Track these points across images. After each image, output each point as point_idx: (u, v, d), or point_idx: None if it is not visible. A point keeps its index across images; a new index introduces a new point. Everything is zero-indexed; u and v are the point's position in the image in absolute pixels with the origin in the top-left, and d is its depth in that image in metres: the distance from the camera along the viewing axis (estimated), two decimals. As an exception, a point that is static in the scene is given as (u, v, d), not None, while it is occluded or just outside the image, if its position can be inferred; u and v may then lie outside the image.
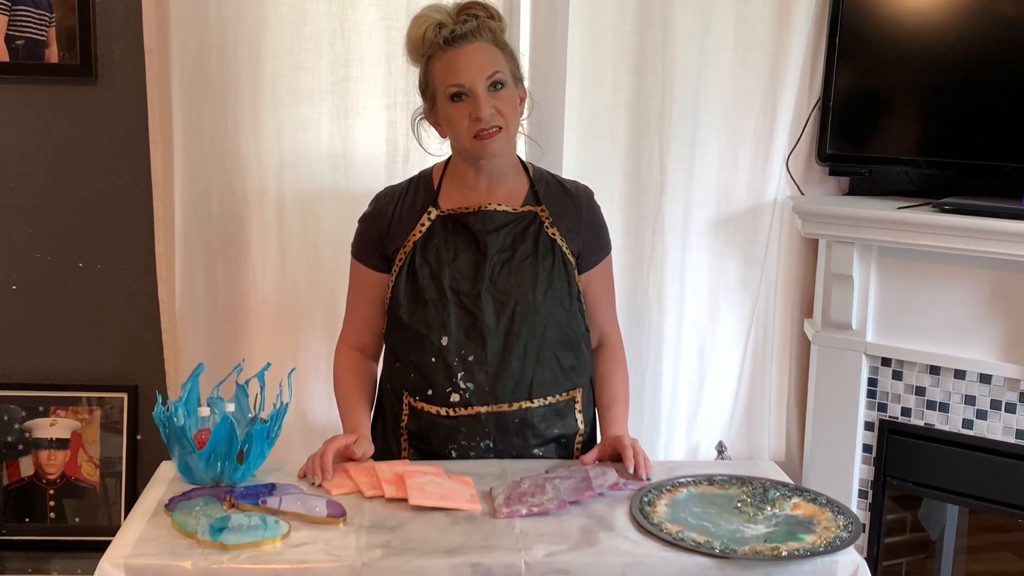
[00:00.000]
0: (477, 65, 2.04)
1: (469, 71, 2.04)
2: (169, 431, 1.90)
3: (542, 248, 2.13)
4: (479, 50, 2.05)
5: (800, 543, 1.72)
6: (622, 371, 2.26)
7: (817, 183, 2.90)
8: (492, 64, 2.05)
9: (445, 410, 2.11)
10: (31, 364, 3.01)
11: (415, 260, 2.13)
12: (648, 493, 1.88)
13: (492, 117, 2.04)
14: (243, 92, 2.71)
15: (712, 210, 2.87)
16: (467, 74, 2.04)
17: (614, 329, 2.30)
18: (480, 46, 2.05)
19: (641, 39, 2.77)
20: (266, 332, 2.82)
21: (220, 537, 1.68)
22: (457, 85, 2.04)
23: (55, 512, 3.01)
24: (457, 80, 2.04)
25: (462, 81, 2.04)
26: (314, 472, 1.94)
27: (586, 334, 2.21)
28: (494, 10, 2.12)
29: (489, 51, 2.06)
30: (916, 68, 2.70)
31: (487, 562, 1.65)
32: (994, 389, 2.60)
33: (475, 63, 2.04)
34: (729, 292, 2.92)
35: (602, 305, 2.25)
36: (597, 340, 2.27)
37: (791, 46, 2.77)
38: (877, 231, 2.63)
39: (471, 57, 2.04)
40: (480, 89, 2.03)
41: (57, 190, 2.95)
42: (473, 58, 2.04)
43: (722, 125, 2.83)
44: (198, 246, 2.79)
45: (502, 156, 2.12)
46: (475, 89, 2.03)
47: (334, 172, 2.77)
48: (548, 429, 2.14)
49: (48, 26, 2.85)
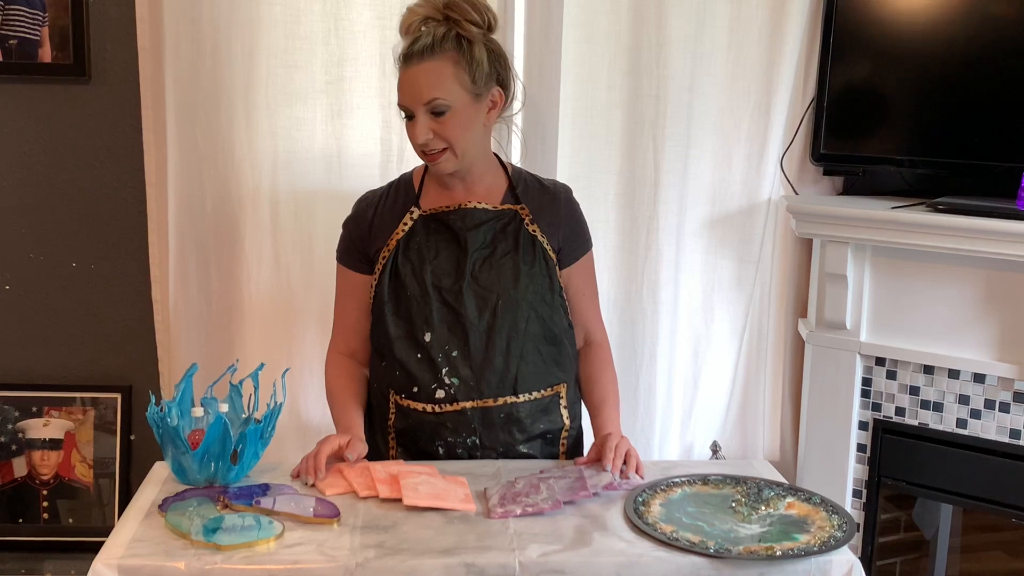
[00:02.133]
0: (418, 89, 2.04)
1: (409, 94, 2.06)
2: (163, 431, 1.90)
3: (523, 244, 2.15)
4: (426, 72, 2.03)
5: (794, 543, 1.72)
6: (610, 370, 2.27)
7: (811, 183, 2.90)
8: (434, 89, 2.03)
9: (431, 407, 2.12)
10: (24, 364, 3.00)
11: (397, 259, 2.15)
12: (642, 493, 1.88)
13: (431, 142, 2.06)
14: (237, 91, 2.71)
15: (706, 210, 2.87)
16: (407, 96, 2.06)
17: (598, 326, 2.30)
18: (429, 66, 2.03)
19: (635, 38, 2.77)
20: (260, 332, 2.82)
21: (214, 538, 1.68)
22: (401, 106, 2.08)
23: (48, 513, 3.00)
24: (401, 100, 2.08)
25: (404, 103, 2.07)
26: (308, 472, 1.94)
27: (569, 330, 2.22)
28: (483, 14, 2.09)
29: (437, 72, 2.03)
30: (910, 68, 2.70)
31: (481, 562, 1.65)
32: (988, 389, 2.61)
33: (416, 87, 2.04)
34: (723, 291, 2.92)
35: (584, 300, 2.26)
36: (582, 338, 2.28)
37: (785, 46, 2.77)
38: (871, 231, 2.63)
39: (413, 79, 2.04)
40: (419, 113, 2.05)
41: (50, 190, 2.94)
42: (416, 81, 2.04)
43: (716, 125, 2.83)
44: (192, 246, 2.79)
45: (458, 170, 2.13)
46: (416, 112, 2.06)
47: (328, 172, 2.77)
48: (534, 425, 2.16)
49: (41, 25, 2.84)
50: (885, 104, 2.78)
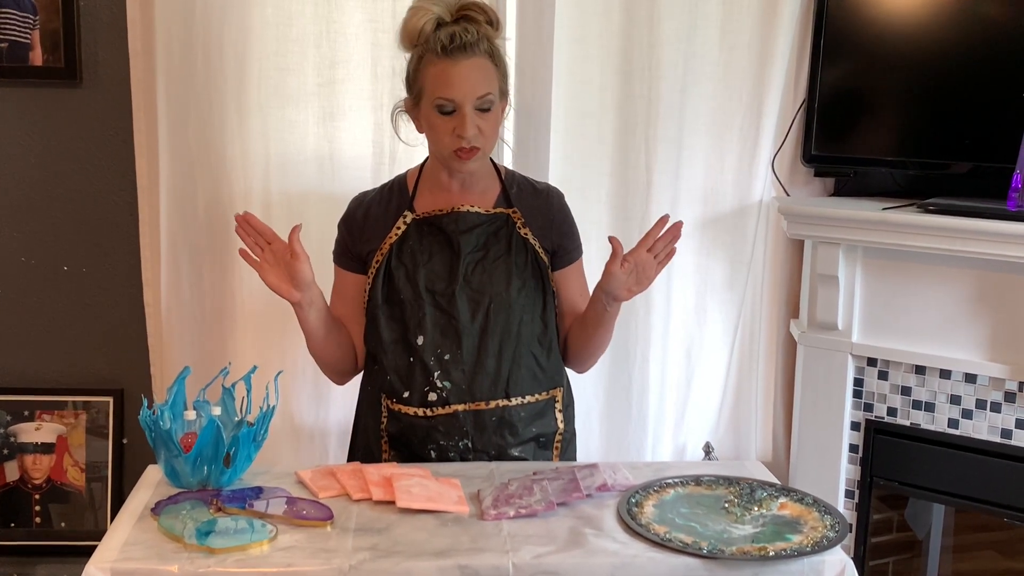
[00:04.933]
0: (471, 84, 2.02)
1: (462, 88, 2.02)
2: (155, 435, 1.90)
3: (515, 247, 2.16)
4: (475, 67, 2.03)
5: (787, 543, 1.72)
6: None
7: (802, 184, 2.91)
8: (485, 85, 2.03)
9: (423, 410, 2.12)
10: (16, 368, 3.00)
11: (391, 262, 2.15)
12: (636, 494, 1.89)
13: (474, 138, 2.04)
14: (229, 94, 2.71)
15: (698, 211, 2.88)
16: (459, 91, 2.02)
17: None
18: (477, 62, 2.03)
19: (627, 40, 2.77)
20: (252, 335, 2.81)
21: (207, 541, 1.68)
22: (447, 99, 2.03)
23: (41, 517, 3.00)
24: (448, 94, 2.02)
25: (453, 96, 2.02)
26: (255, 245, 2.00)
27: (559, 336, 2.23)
28: (493, 14, 2.09)
29: (484, 68, 2.04)
30: (900, 69, 2.71)
31: (475, 564, 1.65)
32: (979, 389, 2.61)
33: (469, 81, 2.02)
34: (715, 293, 2.92)
35: (577, 299, 2.25)
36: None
37: (776, 47, 2.78)
38: (862, 232, 2.64)
39: (466, 74, 2.02)
40: (468, 108, 2.02)
41: (42, 193, 2.93)
42: (468, 75, 2.02)
43: (708, 126, 2.84)
44: (184, 249, 2.78)
45: (476, 170, 2.14)
46: (463, 108, 2.02)
47: (320, 174, 2.77)
48: (526, 428, 2.16)
49: (32, 29, 2.84)
50: (876, 105, 2.79)
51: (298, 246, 2.01)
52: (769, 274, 2.94)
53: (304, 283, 2.03)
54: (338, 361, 2.23)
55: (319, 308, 2.10)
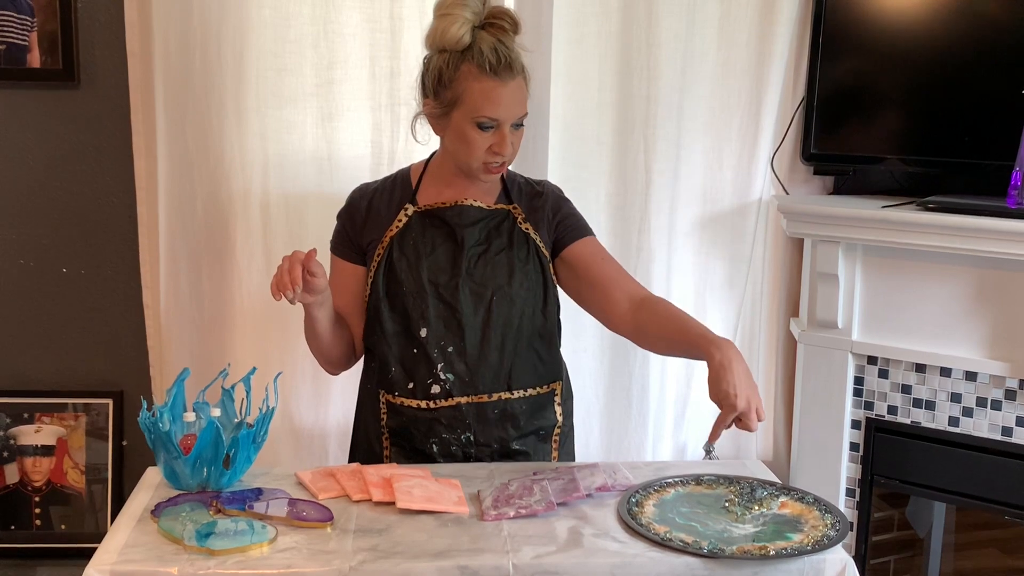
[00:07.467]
0: (515, 105, 2.05)
1: (509, 110, 2.04)
2: (155, 436, 1.89)
3: (516, 241, 2.16)
4: (519, 88, 2.05)
5: (788, 542, 1.72)
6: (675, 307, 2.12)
7: (802, 182, 2.91)
8: (524, 105, 2.07)
9: (425, 403, 2.12)
10: (15, 370, 2.99)
11: (392, 254, 2.15)
12: (636, 494, 1.88)
13: (509, 156, 2.08)
14: (227, 95, 2.71)
15: (697, 210, 2.88)
16: (505, 111, 2.04)
17: (640, 287, 2.18)
18: (520, 84, 2.05)
19: (626, 39, 2.77)
20: (252, 336, 2.81)
21: (207, 543, 1.68)
22: (492, 119, 2.04)
23: (41, 519, 2.99)
24: (494, 114, 2.03)
25: (498, 116, 2.04)
26: (285, 287, 1.92)
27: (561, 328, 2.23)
28: (518, 18, 2.08)
29: (523, 89, 2.07)
30: (899, 67, 2.71)
31: (475, 565, 1.65)
32: (980, 386, 2.61)
33: (514, 103, 2.04)
34: (715, 291, 2.92)
35: (608, 266, 2.18)
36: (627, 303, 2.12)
37: (775, 46, 2.78)
38: (862, 230, 2.64)
39: (512, 95, 2.04)
40: (508, 128, 2.05)
41: (40, 195, 2.93)
42: (513, 97, 2.04)
43: (707, 125, 2.84)
44: (183, 250, 2.78)
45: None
46: (504, 127, 2.05)
47: (319, 175, 2.77)
48: (528, 421, 2.16)
49: (30, 30, 2.84)
50: (875, 103, 2.78)
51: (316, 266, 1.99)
52: (769, 273, 2.94)
53: (318, 291, 2.03)
54: (340, 355, 2.23)
55: (328, 306, 2.11)
